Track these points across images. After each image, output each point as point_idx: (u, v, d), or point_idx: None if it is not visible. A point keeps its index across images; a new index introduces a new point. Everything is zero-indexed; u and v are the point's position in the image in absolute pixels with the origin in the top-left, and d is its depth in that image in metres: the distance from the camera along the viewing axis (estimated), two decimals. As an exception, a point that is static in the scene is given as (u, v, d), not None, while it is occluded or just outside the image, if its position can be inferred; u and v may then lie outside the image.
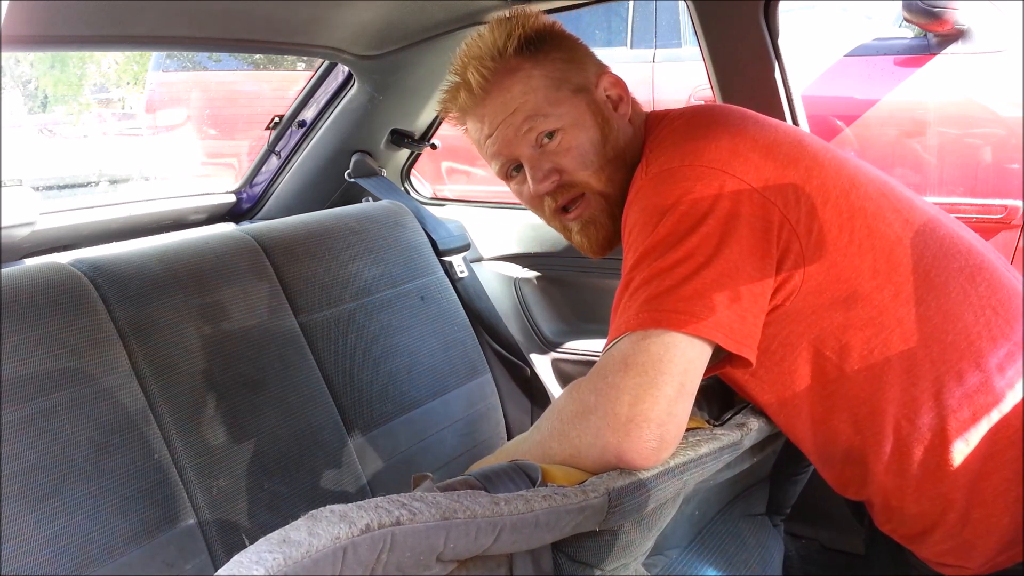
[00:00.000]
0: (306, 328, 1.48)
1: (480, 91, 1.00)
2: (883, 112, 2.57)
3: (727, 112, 0.98)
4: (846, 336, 0.88)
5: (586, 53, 1.05)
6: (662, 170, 0.89)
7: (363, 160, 2.01)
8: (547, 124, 0.99)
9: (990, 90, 2.43)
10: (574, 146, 0.99)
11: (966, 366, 0.87)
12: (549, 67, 1.00)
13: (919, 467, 0.89)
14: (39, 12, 1.17)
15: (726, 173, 0.85)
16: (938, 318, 0.88)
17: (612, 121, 1.01)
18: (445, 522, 0.66)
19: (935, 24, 2.47)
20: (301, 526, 0.60)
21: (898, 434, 0.89)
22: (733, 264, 0.82)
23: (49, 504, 1.07)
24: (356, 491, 1.44)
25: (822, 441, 0.95)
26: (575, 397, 0.85)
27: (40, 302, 1.16)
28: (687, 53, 3.19)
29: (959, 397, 0.87)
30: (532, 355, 2.00)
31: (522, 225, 1.98)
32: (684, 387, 0.80)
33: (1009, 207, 2.25)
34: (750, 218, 0.84)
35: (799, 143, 0.92)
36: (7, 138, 4.48)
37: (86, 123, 5.57)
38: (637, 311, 0.82)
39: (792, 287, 0.87)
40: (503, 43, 1.00)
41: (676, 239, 0.83)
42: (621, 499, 0.78)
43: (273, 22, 1.52)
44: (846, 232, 0.87)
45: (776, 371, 0.92)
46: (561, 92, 1.00)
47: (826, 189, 0.88)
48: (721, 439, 0.91)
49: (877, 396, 0.89)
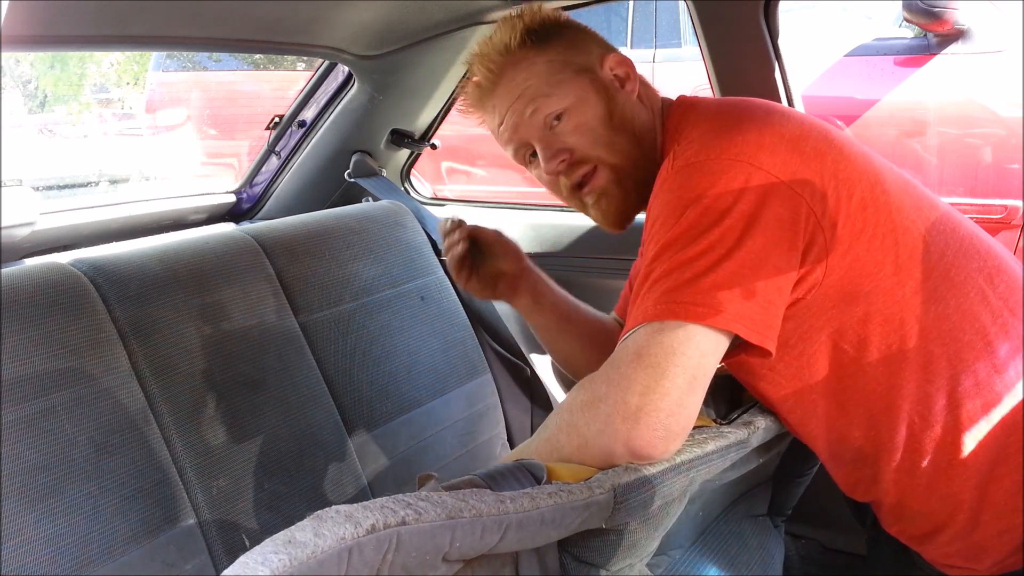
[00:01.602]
0: (306, 328, 1.48)
1: (489, 84, 1.05)
2: (883, 112, 2.57)
3: (755, 105, 0.98)
4: (865, 330, 0.88)
5: (590, 37, 1.06)
6: (689, 163, 0.89)
7: (363, 160, 2.01)
8: (551, 105, 1.01)
9: (990, 90, 2.43)
10: (581, 123, 1.01)
11: (982, 366, 0.87)
12: (551, 54, 1.02)
13: (930, 465, 0.89)
14: (39, 12, 1.17)
15: (752, 166, 0.85)
16: (956, 316, 0.88)
17: (618, 97, 1.03)
18: (451, 521, 0.65)
19: (935, 24, 2.47)
20: (306, 527, 0.59)
21: (911, 430, 0.89)
22: (756, 255, 0.82)
23: (49, 504, 1.07)
24: (356, 491, 1.44)
25: (835, 438, 0.95)
26: (586, 388, 0.85)
27: (40, 302, 1.16)
28: (687, 53, 3.19)
29: (973, 396, 0.87)
30: (532, 355, 2.00)
31: (522, 225, 1.98)
32: (696, 379, 0.80)
33: (1009, 207, 2.25)
34: (777, 210, 0.84)
35: (826, 136, 0.92)
36: (7, 138, 4.48)
37: (86, 123, 5.57)
38: (655, 303, 0.82)
39: (814, 280, 0.87)
40: (508, 38, 1.03)
41: (698, 232, 0.83)
42: (627, 495, 0.78)
43: (273, 22, 1.52)
44: (870, 226, 0.87)
45: (794, 364, 0.92)
46: (564, 74, 1.02)
47: (851, 183, 0.88)
48: (728, 437, 0.91)
49: (893, 391, 0.89)
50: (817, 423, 0.96)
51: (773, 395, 0.97)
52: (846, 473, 0.98)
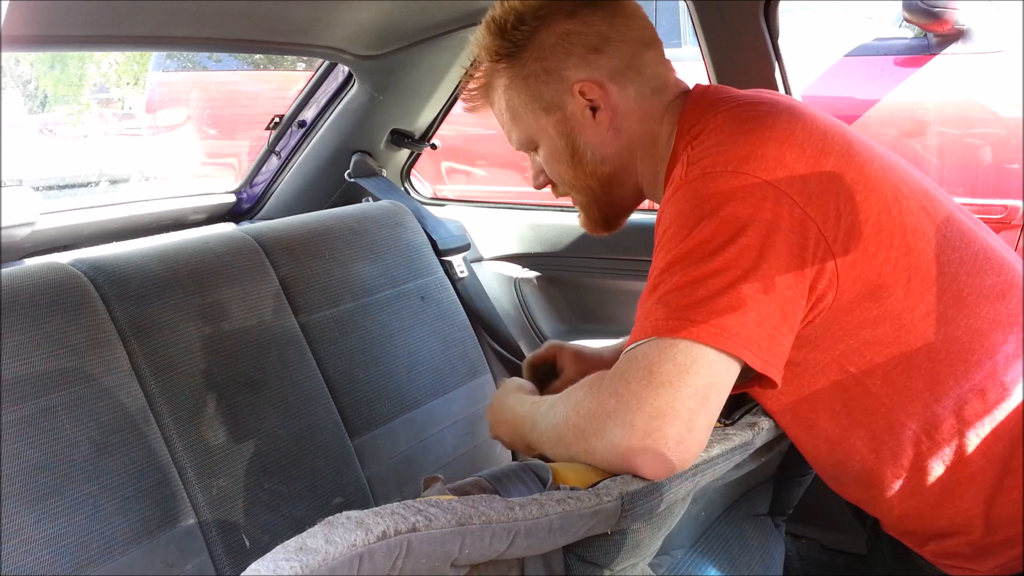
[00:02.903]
0: (306, 328, 1.48)
1: (478, 96, 1.06)
2: (883, 112, 2.57)
3: (777, 109, 0.92)
4: (871, 353, 0.87)
5: (566, 48, 0.98)
6: (704, 173, 0.86)
7: (363, 160, 2.01)
8: (523, 138, 1.05)
9: (990, 90, 2.43)
10: (549, 159, 1.05)
11: (989, 384, 0.86)
12: (521, 84, 1.00)
13: (937, 484, 0.88)
14: (39, 12, 1.17)
15: (769, 184, 0.83)
16: (966, 337, 0.86)
17: (585, 134, 1.00)
18: (460, 528, 0.65)
19: (935, 24, 2.47)
20: (318, 533, 0.59)
21: (917, 449, 0.87)
22: (770, 280, 0.80)
23: (49, 504, 1.07)
24: (356, 491, 1.44)
25: (839, 459, 0.94)
26: (595, 396, 0.83)
27: (40, 302, 1.16)
28: (687, 53, 3.18)
29: (981, 415, 0.86)
30: (532, 355, 2.00)
31: (522, 225, 1.98)
32: (708, 401, 0.79)
33: (1009, 207, 2.25)
34: (788, 234, 0.82)
35: (848, 149, 0.89)
36: (7, 138, 4.47)
37: (86, 123, 5.56)
38: (666, 317, 0.80)
39: (824, 304, 0.85)
40: (480, 51, 1.02)
41: (713, 248, 0.81)
42: (634, 503, 0.78)
43: (273, 22, 1.52)
44: (884, 249, 0.85)
45: (796, 384, 0.90)
46: (533, 111, 1.01)
47: (869, 204, 0.86)
48: (732, 439, 0.90)
49: (897, 411, 0.87)
50: (819, 444, 0.94)
51: (773, 410, 0.96)
52: (847, 490, 0.97)
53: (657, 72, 1.00)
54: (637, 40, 0.99)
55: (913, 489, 0.89)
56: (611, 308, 1.97)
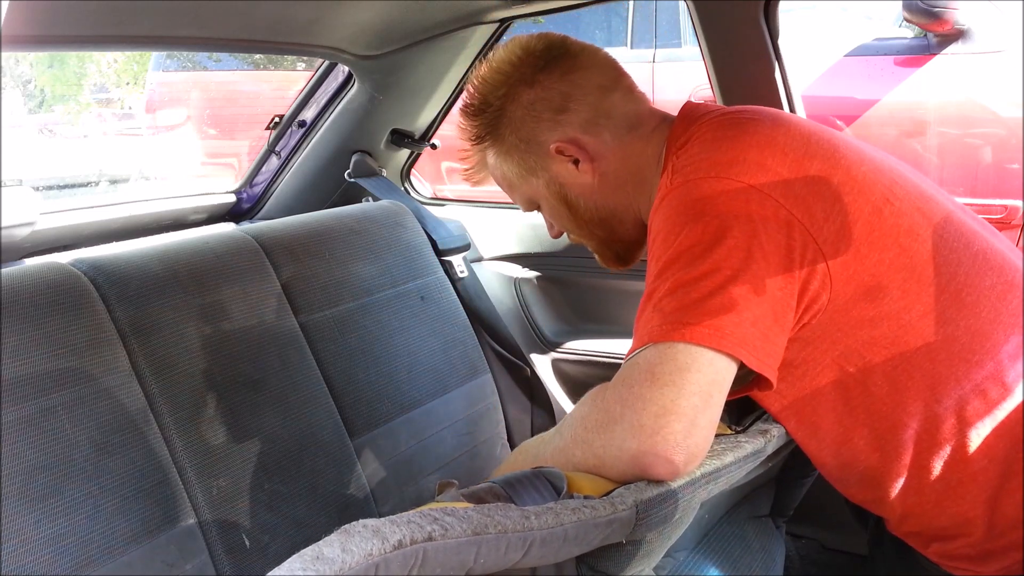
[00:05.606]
0: (306, 328, 1.48)
1: (476, 173, 1.13)
2: (883, 112, 2.57)
3: (760, 119, 0.95)
4: (870, 353, 0.87)
5: (536, 119, 1.02)
6: (688, 180, 0.88)
7: (363, 160, 2.01)
8: (527, 206, 1.12)
9: (990, 90, 2.44)
10: (553, 218, 1.12)
11: (990, 384, 0.86)
12: (506, 157, 1.07)
13: (939, 483, 0.88)
14: (39, 12, 1.17)
15: (752, 188, 0.84)
16: (966, 337, 0.87)
17: (574, 187, 1.05)
18: (476, 538, 0.65)
19: (935, 24, 2.47)
20: (334, 542, 0.59)
21: (919, 450, 0.88)
22: (760, 281, 0.81)
23: (49, 504, 1.07)
24: (356, 491, 1.44)
25: (842, 461, 0.94)
26: (600, 406, 0.84)
27: (40, 302, 1.16)
28: (687, 53, 3.19)
29: (983, 414, 0.86)
30: (532, 355, 2.00)
31: (522, 225, 1.98)
32: (711, 398, 0.80)
33: (1009, 207, 2.25)
34: (775, 234, 0.83)
35: (833, 153, 0.90)
36: (7, 138, 4.47)
37: (86, 123, 5.57)
38: (662, 322, 0.81)
39: (820, 306, 0.85)
40: (463, 136, 1.09)
41: (701, 251, 0.82)
42: (648, 511, 0.77)
43: (273, 22, 1.52)
44: (876, 250, 0.86)
45: (797, 386, 0.91)
46: (523, 178, 1.07)
47: (858, 206, 0.86)
48: (745, 447, 0.90)
49: (898, 412, 0.88)
50: (821, 443, 0.95)
51: (775, 411, 0.96)
52: (852, 491, 0.97)
53: (627, 111, 1.03)
54: (599, 88, 1.02)
55: (916, 488, 0.89)
56: (611, 308, 1.97)
